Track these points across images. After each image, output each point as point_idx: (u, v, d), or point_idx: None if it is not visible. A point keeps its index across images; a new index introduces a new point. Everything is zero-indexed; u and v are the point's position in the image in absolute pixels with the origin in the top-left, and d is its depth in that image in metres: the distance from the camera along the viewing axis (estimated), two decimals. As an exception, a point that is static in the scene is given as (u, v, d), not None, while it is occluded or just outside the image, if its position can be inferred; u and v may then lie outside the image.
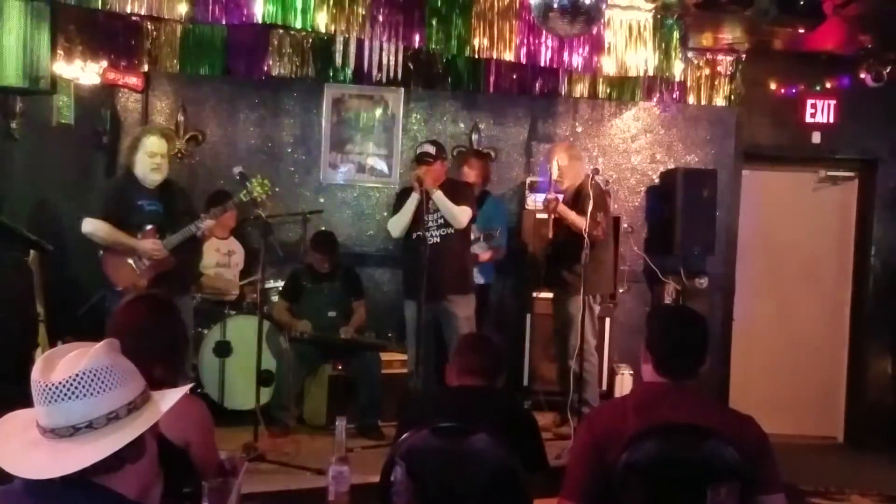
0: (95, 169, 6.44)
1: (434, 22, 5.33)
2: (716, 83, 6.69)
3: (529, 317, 6.35)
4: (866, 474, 5.97)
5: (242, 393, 5.51)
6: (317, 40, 6.41)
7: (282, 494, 4.19)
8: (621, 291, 6.60)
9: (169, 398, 1.66)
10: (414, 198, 5.30)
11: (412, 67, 6.44)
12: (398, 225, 5.42)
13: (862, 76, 6.34)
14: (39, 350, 4.81)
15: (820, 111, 6.83)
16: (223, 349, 5.68)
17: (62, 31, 5.40)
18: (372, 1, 5.14)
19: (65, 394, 1.51)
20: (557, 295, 5.82)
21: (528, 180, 6.65)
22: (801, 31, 5.65)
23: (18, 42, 4.70)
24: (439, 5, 5.33)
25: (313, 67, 6.55)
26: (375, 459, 3.57)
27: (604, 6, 4.76)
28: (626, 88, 6.65)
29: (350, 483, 2.49)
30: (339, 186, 6.88)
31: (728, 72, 6.65)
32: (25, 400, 1.58)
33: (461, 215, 5.29)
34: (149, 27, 6.34)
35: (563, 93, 6.69)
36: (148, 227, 4.76)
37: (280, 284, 6.01)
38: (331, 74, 6.60)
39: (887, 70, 6.23)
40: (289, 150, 6.84)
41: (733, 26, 6.01)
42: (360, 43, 6.00)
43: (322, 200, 6.80)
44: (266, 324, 5.36)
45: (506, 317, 6.50)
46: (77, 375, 1.52)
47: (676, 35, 5.65)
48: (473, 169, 6.24)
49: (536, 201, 6.27)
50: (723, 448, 2.35)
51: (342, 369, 5.71)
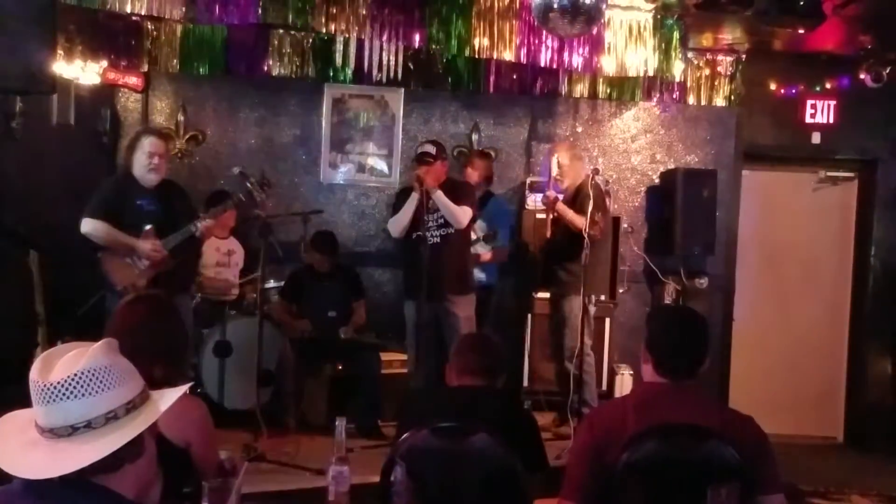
0: (96, 169, 6.42)
1: (434, 22, 5.34)
2: (716, 83, 6.70)
3: (530, 317, 6.36)
4: (866, 474, 5.96)
5: (242, 393, 5.51)
6: (317, 40, 6.42)
7: (282, 494, 4.19)
8: (621, 291, 6.60)
9: (168, 398, 1.66)
10: (414, 198, 5.28)
11: (412, 67, 6.44)
12: (398, 225, 5.41)
13: (862, 76, 6.34)
14: (39, 350, 4.81)
15: (820, 111, 6.83)
16: (223, 349, 5.68)
17: (62, 31, 5.40)
18: (372, 1, 5.15)
19: (63, 393, 1.51)
20: (553, 295, 5.83)
21: (529, 180, 6.65)
22: (801, 32, 5.66)
23: (18, 41, 4.70)
24: (440, 5, 5.34)
25: (313, 67, 6.56)
26: (375, 459, 3.56)
27: (604, 6, 4.76)
28: (626, 88, 6.66)
29: (350, 483, 2.49)
30: (340, 186, 6.88)
31: (728, 72, 6.66)
32: (25, 400, 1.58)
33: (461, 215, 5.28)
34: (149, 27, 6.35)
35: (564, 93, 6.70)
36: (147, 227, 4.75)
37: (280, 284, 6.01)
38: (331, 74, 6.60)
39: (887, 70, 6.24)
40: (289, 150, 6.84)
41: (733, 26, 6.01)
42: (361, 43, 6.01)
43: (322, 200, 6.80)
44: (266, 324, 5.36)
45: (506, 317, 6.50)
46: (75, 375, 1.52)
47: (676, 35, 5.65)
48: (477, 170, 6.23)
49: (536, 201, 6.28)
50: (723, 448, 2.35)
51: (342, 369, 5.71)
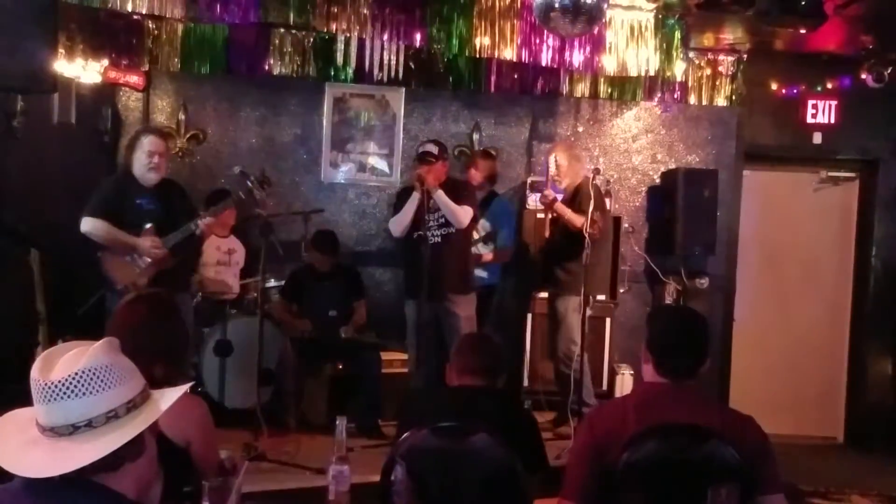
0: (97, 168, 6.42)
1: (435, 21, 5.33)
2: (717, 83, 6.69)
3: (530, 317, 6.36)
4: (866, 474, 5.96)
5: (243, 392, 5.51)
6: (318, 39, 6.41)
7: (282, 494, 4.19)
8: (622, 291, 6.60)
9: (168, 397, 1.66)
10: (415, 197, 5.28)
11: (413, 67, 6.44)
12: (399, 224, 5.41)
13: (863, 77, 6.35)
14: (40, 349, 4.81)
15: (821, 111, 6.83)
16: (224, 348, 5.68)
17: (63, 30, 5.40)
18: (373, 0, 5.14)
19: (64, 392, 1.51)
20: (551, 294, 5.83)
21: (529, 180, 6.64)
22: (803, 32, 5.66)
23: (19, 40, 4.70)
24: (441, 5, 5.34)
25: (314, 66, 6.55)
26: (375, 459, 3.56)
27: (605, 6, 4.76)
28: (628, 88, 6.66)
29: (350, 482, 2.48)
30: (340, 186, 6.88)
31: (729, 72, 6.65)
32: (26, 399, 1.58)
33: (462, 215, 5.28)
34: (150, 26, 6.34)
35: (565, 92, 6.69)
36: (147, 226, 4.75)
37: (280, 284, 6.01)
38: (332, 73, 6.59)
39: (888, 71, 6.24)
40: (290, 150, 6.83)
41: (734, 26, 6.01)
42: (362, 42, 6.00)
43: (323, 200, 6.79)
44: (267, 323, 5.36)
45: (506, 317, 6.50)
46: (76, 374, 1.52)
47: (678, 35, 5.65)
48: (481, 170, 6.22)
49: (537, 201, 6.28)
50: (723, 448, 2.35)
51: (342, 369, 5.71)
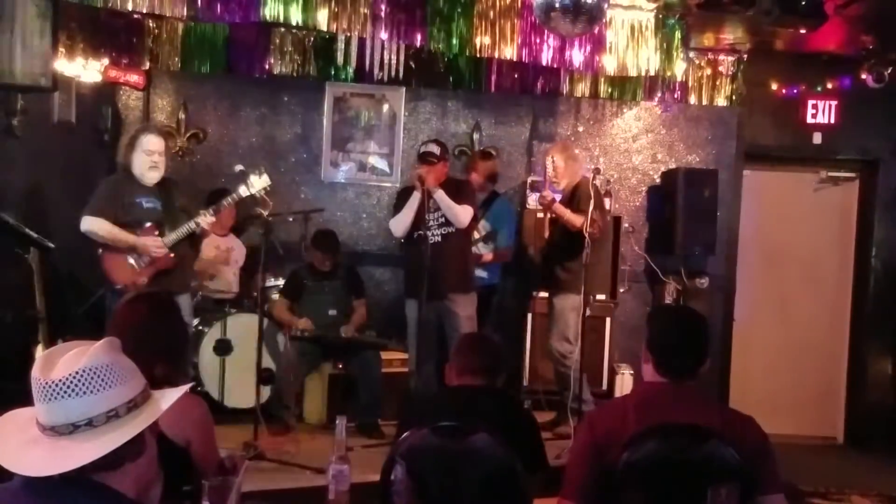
0: (96, 167, 6.42)
1: (436, 21, 5.33)
2: (717, 83, 6.70)
3: (530, 316, 6.36)
4: (866, 475, 5.96)
5: (242, 391, 5.50)
6: (318, 39, 6.41)
7: (282, 493, 4.19)
8: (622, 291, 6.60)
9: (169, 397, 1.66)
10: (415, 197, 5.27)
11: (414, 66, 6.44)
12: (400, 224, 5.40)
13: (863, 77, 6.34)
14: (39, 348, 4.81)
15: (821, 112, 6.83)
16: (223, 347, 5.67)
17: (64, 29, 5.39)
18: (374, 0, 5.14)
19: (64, 391, 1.51)
20: (550, 293, 5.80)
21: (530, 180, 6.64)
22: (803, 32, 5.66)
23: (20, 39, 4.70)
24: (441, 4, 5.33)
25: (315, 66, 6.56)
26: (375, 458, 3.56)
27: (605, 6, 4.75)
28: (628, 88, 6.66)
29: (350, 482, 2.48)
30: (341, 185, 6.88)
31: (729, 72, 6.65)
32: (25, 398, 1.58)
33: (463, 214, 5.27)
34: (150, 25, 6.35)
35: (565, 92, 6.69)
36: (147, 225, 4.75)
37: (280, 283, 6.01)
38: (332, 73, 6.60)
39: (888, 71, 6.23)
40: (290, 149, 6.83)
41: (735, 26, 6.00)
42: (362, 41, 5.99)
43: (323, 199, 6.79)
44: (267, 322, 5.36)
45: (506, 316, 6.50)
46: (77, 373, 1.52)
47: (678, 35, 5.65)
48: (480, 172, 6.21)
49: (537, 201, 6.27)
50: (723, 448, 2.35)
51: (343, 368, 5.71)
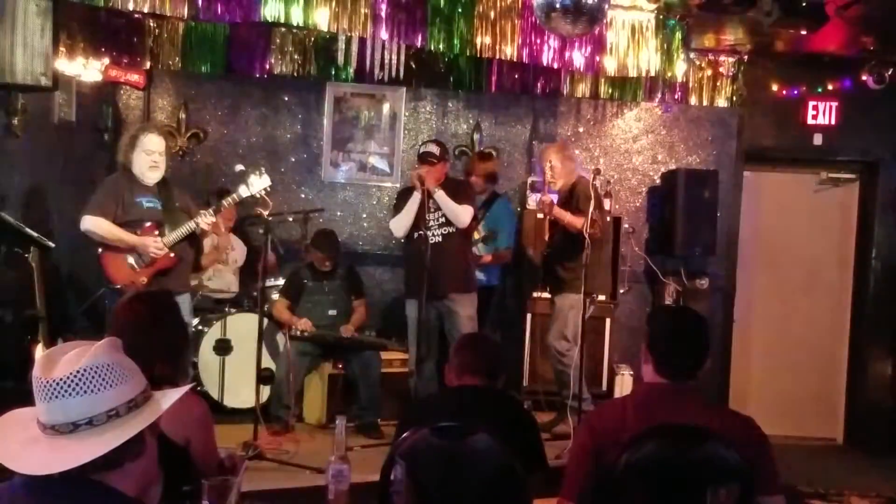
0: (97, 166, 6.43)
1: (436, 21, 5.33)
2: (718, 84, 6.70)
3: (529, 317, 6.36)
4: (866, 476, 5.96)
5: (242, 391, 5.52)
6: (319, 39, 6.42)
7: (281, 493, 4.19)
8: (622, 292, 6.60)
9: (169, 397, 1.66)
10: (416, 197, 5.27)
11: (414, 66, 6.45)
12: (401, 225, 5.39)
13: (864, 78, 6.35)
14: (40, 347, 4.81)
15: (821, 113, 6.83)
16: (223, 347, 5.68)
17: (64, 28, 5.40)
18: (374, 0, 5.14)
19: (65, 390, 1.51)
20: (552, 293, 5.78)
21: (530, 180, 6.64)
22: (803, 33, 5.65)
23: (20, 39, 4.70)
24: (441, 4, 5.33)
25: (315, 66, 6.56)
26: (375, 458, 3.57)
27: (606, 6, 4.75)
28: (628, 89, 6.66)
29: (350, 482, 2.49)
30: (341, 185, 6.88)
31: (730, 73, 6.66)
32: (25, 397, 1.59)
33: (463, 214, 5.28)
34: (151, 24, 6.35)
35: (566, 93, 6.70)
36: (147, 225, 4.76)
37: (280, 283, 6.01)
38: (332, 73, 6.60)
39: (889, 72, 6.24)
40: (290, 149, 6.84)
41: (735, 27, 6.00)
42: (363, 41, 6.00)
43: (323, 199, 6.80)
44: (266, 322, 5.36)
45: (506, 317, 6.50)
46: (78, 372, 1.52)
47: (678, 36, 5.65)
48: (480, 174, 6.20)
49: (536, 204, 6.25)
50: (722, 449, 2.35)
51: (342, 368, 5.71)
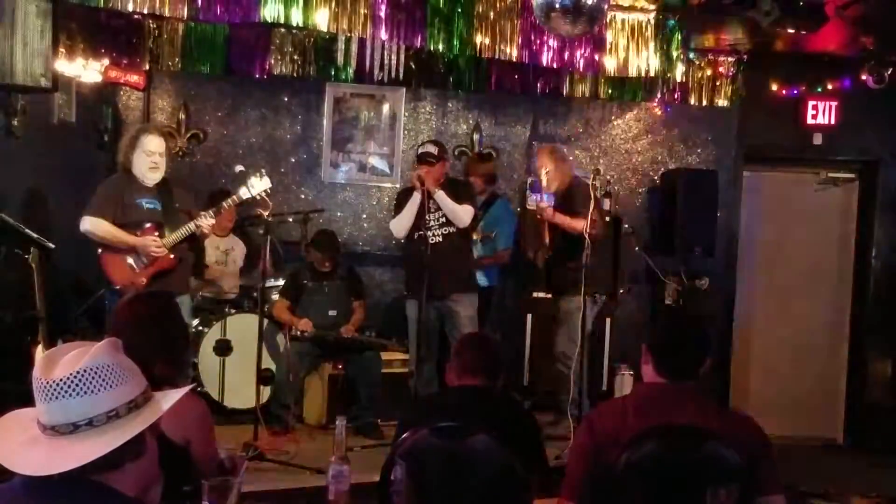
0: (96, 167, 6.43)
1: (436, 21, 5.32)
2: (717, 84, 6.69)
3: (530, 317, 6.35)
4: (866, 476, 5.96)
5: (242, 392, 5.51)
6: (318, 39, 6.41)
7: (281, 493, 4.20)
8: (621, 292, 6.60)
9: (170, 397, 1.66)
10: (416, 198, 5.28)
11: (414, 67, 6.44)
12: (401, 225, 5.40)
13: (863, 78, 6.34)
14: (39, 348, 4.81)
15: (821, 112, 6.83)
16: (223, 348, 5.68)
17: (64, 29, 5.39)
18: (374, 0, 5.14)
19: (65, 391, 1.51)
20: (555, 295, 5.78)
21: (530, 180, 6.61)
22: (803, 33, 5.65)
23: (20, 40, 4.70)
24: (441, 5, 5.32)
25: (315, 66, 6.55)
26: (375, 459, 3.57)
27: (605, 6, 4.75)
28: (628, 89, 6.64)
29: (350, 482, 2.49)
30: (340, 185, 6.88)
31: (729, 73, 6.65)
32: (25, 398, 1.58)
33: (464, 214, 5.28)
34: (150, 25, 6.34)
35: (565, 93, 6.68)
36: (147, 226, 4.76)
37: (280, 283, 6.01)
38: (332, 73, 6.59)
39: (888, 72, 6.23)
40: (290, 149, 6.84)
41: (735, 27, 6.00)
42: (362, 42, 6.00)
43: (323, 199, 6.80)
44: (266, 323, 5.36)
45: (506, 317, 6.50)
46: (78, 373, 1.52)
47: (678, 36, 5.64)
48: (479, 176, 6.20)
49: (537, 201, 6.21)
50: (723, 449, 2.35)
51: (342, 368, 5.71)
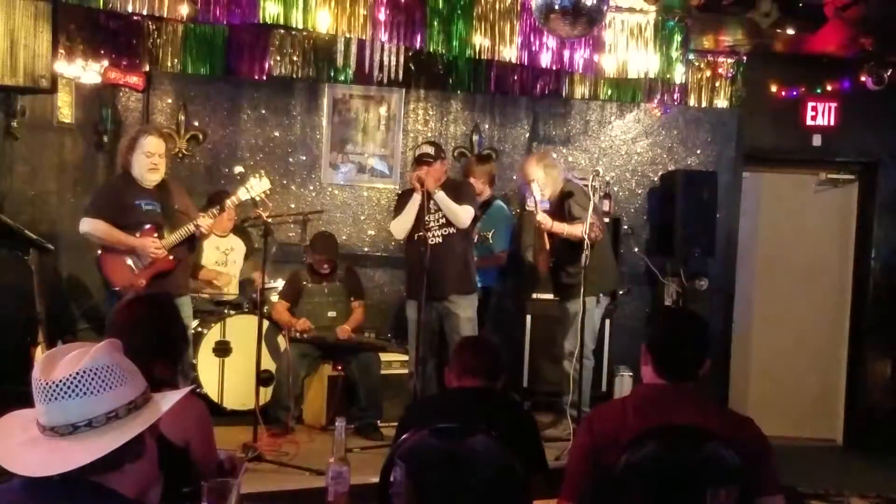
0: (96, 168, 6.44)
1: (435, 23, 5.33)
2: (717, 85, 6.70)
3: (529, 318, 6.35)
4: (865, 476, 5.96)
5: (242, 393, 5.52)
6: (318, 40, 6.42)
7: (281, 494, 4.19)
8: (621, 293, 6.60)
9: (169, 399, 1.66)
10: (416, 199, 5.27)
11: (413, 68, 6.45)
12: (401, 227, 5.39)
13: (863, 79, 6.34)
14: (39, 349, 4.81)
15: (821, 114, 6.83)
16: (223, 349, 5.69)
17: (63, 31, 5.41)
18: (373, 1, 5.14)
19: (64, 392, 1.51)
20: (561, 298, 5.74)
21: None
22: (802, 34, 5.66)
23: (20, 41, 4.71)
24: (440, 6, 5.33)
25: (314, 67, 6.56)
26: (375, 460, 3.57)
27: (605, 8, 4.75)
28: (627, 90, 6.65)
29: (349, 483, 2.49)
30: (340, 187, 6.88)
31: (729, 74, 6.66)
32: (25, 399, 1.58)
33: (464, 215, 5.27)
34: (150, 26, 6.35)
35: (565, 94, 6.69)
36: (146, 227, 4.76)
37: (280, 284, 6.01)
38: (332, 74, 6.60)
39: (888, 73, 6.23)
40: (289, 150, 6.83)
41: (734, 28, 6.01)
42: (362, 43, 6.01)
43: (322, 201, 6.80)
44: (266, 324, 5.36)
45: (505, 318, 6.49)
46: (77, 374, 1.52)
47: (678, 37, 5.65)
48: (479, 177, 6.18)
49: (537, 201, 6.17)
50: (722, 450, 2.35)
51: (342, 370, 5.71)
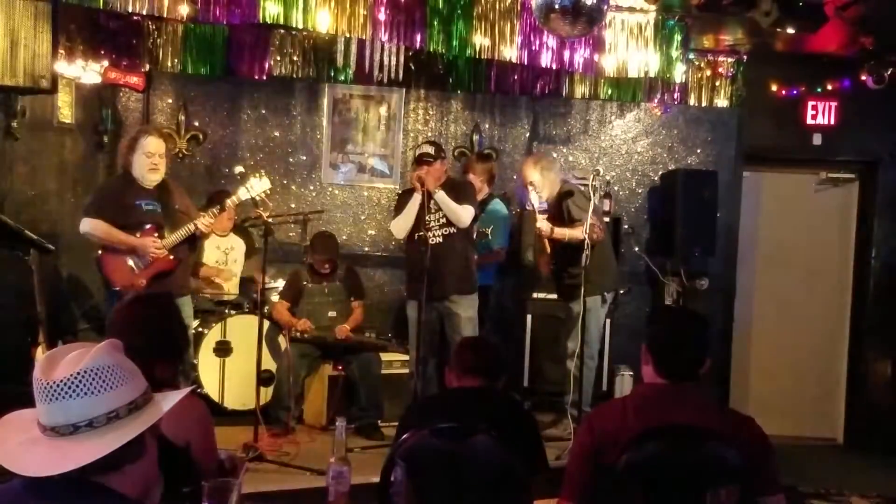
0: (96, 168, 6.44)
1: (435, 22, 5.32)
2: (717, 84, 6.70)
3: (529, 318, 6.34)
4: (866, 476, 5.96)
5: (242, 393, 5.52)
6: (318, 40, 6.42)
7: (281, 494, 4.19)
8: (622, 293, 6.59)
9: (170, 399, 1.66)
10: (416, 198, 5.27)
11: (413, 68, 6.45)
12: (401, 226, 5.39)
13: (863, 78, 6.33)
14: (40, 349, 4.81)
15: (821, 113, 6.83)
16: (223, 349, 5.69)
17: (63, 31, 5.40)
18: (373, 1, 5.14)
19: (65, 392, 1.51)
20: (565, 298, 5.72)
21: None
22: (803, 33, 5.65)
23: (20, 41, 4.71)
24: (440, 6, 5.33)
25: (314, 67, 6.57)
26: (375, 460, 3.58)
27: (605, 7, 4.75)
28: (628, 89, 6.65)
29: (350, 483, 2.49)
30: (340, 186, 6.88)
31: (729, 73, 6.66)
32: (25, 399, 1.58)
33: (464, 214, 5.27)
34: (150, 27, 6.35)
35: (565, 93, 6.69)
36: (147, 227, 4.76)
37: (280, 284, 6.02)
38: (332, 74, 6.61)
39: (888, 72, 6.22)
40: (289, 150, 6.84)
41: (734, 28, 6.01)
42: (362, 43, 6.01)
43: (322, 201, 6.80)
44: (266, 324, 5.36)
45: (505, 317, 6.49)
46: (78, 374, 1.52)
47: (678, 36, 5.65)
48: (479, 175, 6.19)
49: (535, 206, 6.15)
50: (723, 449, 2.35)
51: (342, 369, 5.71)
